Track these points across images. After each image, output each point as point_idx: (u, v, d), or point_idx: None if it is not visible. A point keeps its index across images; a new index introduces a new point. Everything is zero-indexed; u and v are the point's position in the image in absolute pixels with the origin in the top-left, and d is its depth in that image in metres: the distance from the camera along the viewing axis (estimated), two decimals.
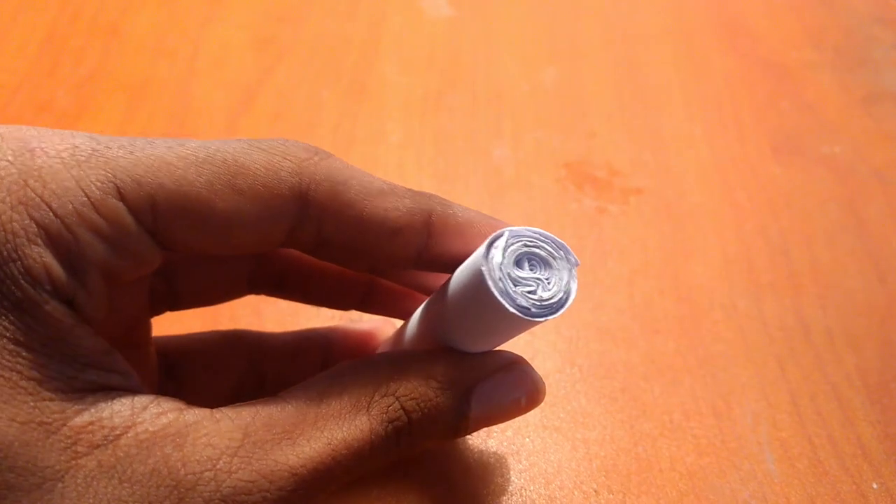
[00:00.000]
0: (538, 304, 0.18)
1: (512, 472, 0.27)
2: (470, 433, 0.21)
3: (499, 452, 0.28)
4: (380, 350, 0.27)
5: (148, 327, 0.24)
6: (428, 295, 0.25)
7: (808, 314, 0.33)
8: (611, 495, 0.27)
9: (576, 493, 0.27)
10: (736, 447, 0.28)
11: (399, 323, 0.27)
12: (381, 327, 0.28)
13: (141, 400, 0.17)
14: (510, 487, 0.27)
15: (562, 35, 0.47)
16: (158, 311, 0.25)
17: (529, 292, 0.18)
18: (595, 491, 0.27)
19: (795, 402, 0.30)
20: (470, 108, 0.42)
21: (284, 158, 0.18)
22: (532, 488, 0.27)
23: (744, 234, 0.36)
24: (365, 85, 0.43)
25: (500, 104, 0.42)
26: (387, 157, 0.39)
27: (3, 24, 0.45)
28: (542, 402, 0.22)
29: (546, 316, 0.18)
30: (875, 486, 0.27)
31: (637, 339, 0.32)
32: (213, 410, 0.18)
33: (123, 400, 0.17)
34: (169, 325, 0.25)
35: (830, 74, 0.45)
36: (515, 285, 0.18)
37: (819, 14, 0.48)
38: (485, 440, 0.28)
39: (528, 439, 0.28)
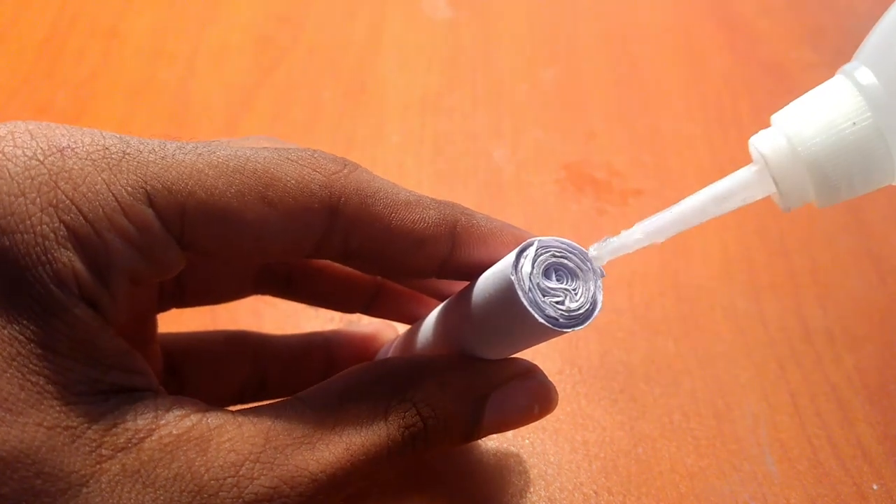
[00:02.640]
0: (566, 314, 0.18)
1: (511, 474, 0.27)
2: (481, 438, 0.21)
3: (498, 454, 0.28)
4: (381, 353, 0.27)
5: (154, 324, 0.24)
6: (438, 299, 0.25)
7: (808, 315, 0.33)
8: (611, 497, 0.27)
9: (576, 494, 0.27)
10: (736, 448, 0.28)
11: (401, 327, 0.27)
12: (383, 331, 0.28)
13: (164, 401, 0.17)
14: (510, 489, 0.27)
15: (561, 35, 0.47)
16: (165, 308, 0.25)
17: (557, 303, 0.18)
18: (595, 493, 0.27)
19: (795, 402, 0.30)
20: (469, 109, 0.42)
21: (315, 171, 0.18)
22: (532, 490, 0.27)
23: (744, 235, 0.36)
24: (365, 85, 0.43)
25: (499, 104, 0.42)
26: (386, 158, 0.39)
27: (2, 26, 0.45)
28: (554, 409, 0.22)
29: (573, 327, 0.18)
30: (875, 487, 0.27)
31: (637, 340, 0.32)
32: (235, 413, 0.18)
33: (146, 401, 0.17)
34: (167, 323, 0.25)
35: (830, 74, 0.44)
36: (544, 296, 0.18)
37: (819, 14, 0.48)
38: (484, 441, 0.28)
39: (527, 441, 0.28)
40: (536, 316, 0.18)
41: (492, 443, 0.28)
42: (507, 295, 0.18)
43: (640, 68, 0.45)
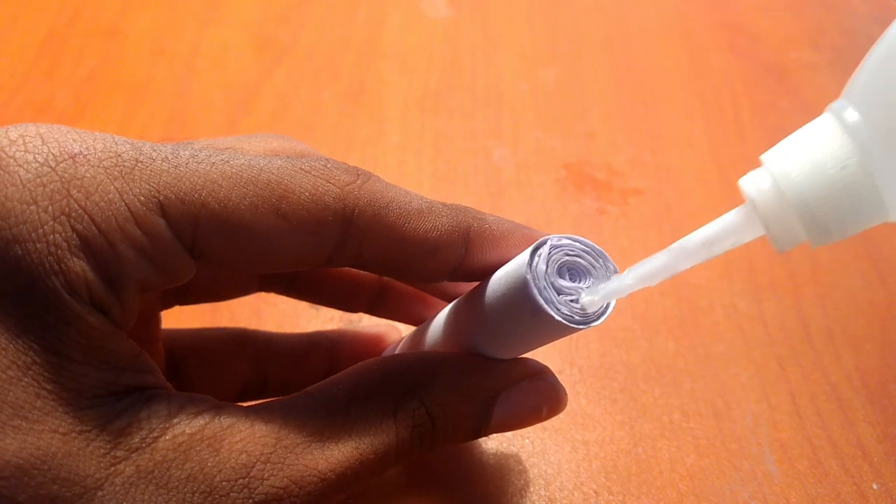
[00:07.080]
0: (580, 312, 0.18)
1: (511, 474, 0.27)
2: (487, 436, 0.21)
3: (498, 454, 0.28)
4: (386, 354, 0.27)
5: (158, 321, 0.24)
6: (444, 300, 0.25)
7: (808, 314, 0.33)
8: (611, 496, 0.27)
9: (576, 494, 0.27)
10: (736, 448, 0.28)
11: (405, 328, 0.27)
12: (387, 332, 0.28)
13: (176, 399, 0.17)
14: (510, 489, 0.27)
15: (561, 35, 0.47)
16: (169, 305, 0.25)
17: (572, 301, 0.18)
18: (595, 492, 0.27)
19: (795, 402, 0.30)
20: (469, 109, 0.42)
21: (328, 182, 0.18)
22: (532, 490, 0.27)
23: None
24: (365, 85, 0.43)
25: (499, 104, 0.42)
26: (386, 158, 0.39)
27: (2, 25, 0.45)
28: (562, 411, 0.22)
29: (588, 324, 0.18)
30: (875, 486, 0.27)
31: (637, 339, 0.32)
32: (246, 410, 0.18)
33: (159, 400, 0.17)
34: (166, 318, 0.25)
35: (830, 74, 0.45)
36: (559, 294, 0.18)
37: (819, 14, 0.48)
38: (484, 441, 0.28)
39: (527, 440, 0.28)
40: (553, 314, 0.18)
41: (492, 443, 0.28)
42: (522, 294, 0.18)
43: (640, 68, 0.45)
